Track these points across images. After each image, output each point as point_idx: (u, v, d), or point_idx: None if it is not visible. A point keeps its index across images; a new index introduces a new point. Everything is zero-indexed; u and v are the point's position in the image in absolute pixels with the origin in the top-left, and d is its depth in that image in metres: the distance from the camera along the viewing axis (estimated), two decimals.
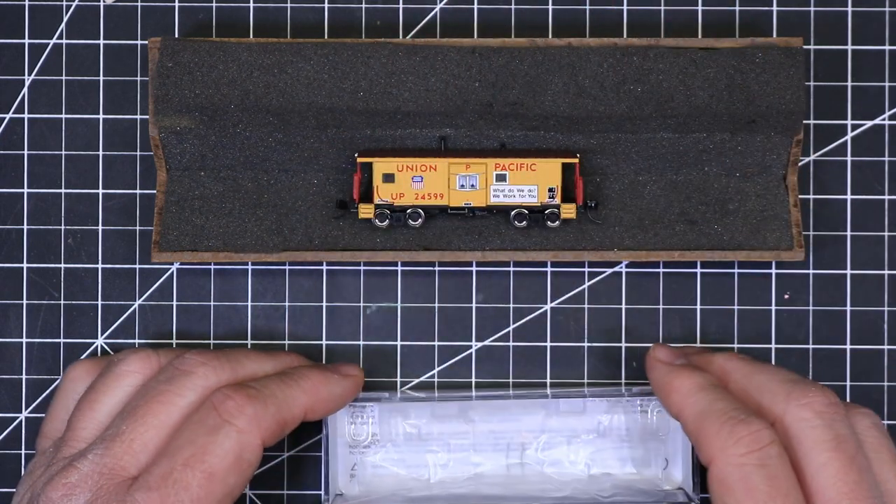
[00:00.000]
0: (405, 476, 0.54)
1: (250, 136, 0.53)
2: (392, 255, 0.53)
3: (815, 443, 0.45)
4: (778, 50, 0.52)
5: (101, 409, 0.48)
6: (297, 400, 0.48)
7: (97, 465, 0.45)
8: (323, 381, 0.50)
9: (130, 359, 0.50)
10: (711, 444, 0.45)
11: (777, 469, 0.44)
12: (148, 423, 0.46)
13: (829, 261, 0.55)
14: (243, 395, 0.46)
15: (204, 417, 0.46)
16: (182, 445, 0.45)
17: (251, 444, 0.46)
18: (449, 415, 0.54)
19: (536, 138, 0.53)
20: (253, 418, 0.46)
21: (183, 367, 0.48)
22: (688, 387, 0.47)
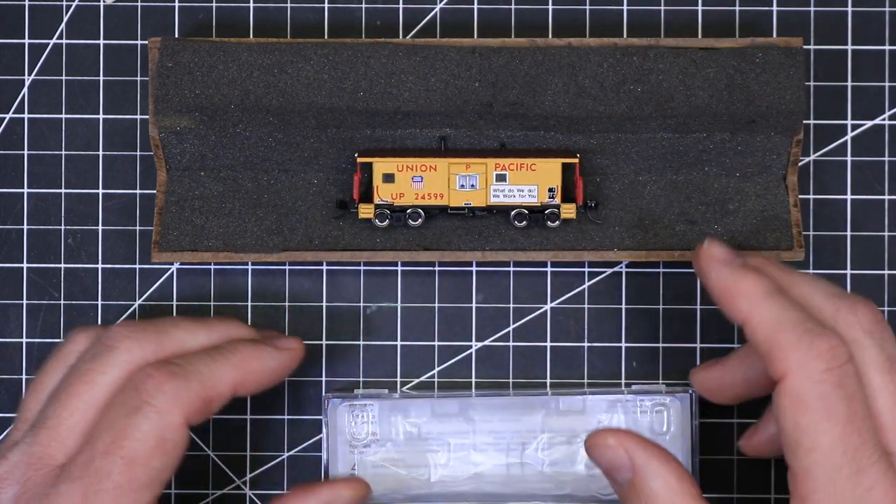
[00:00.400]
0: (405, 475, 0.54)
1: (250, 136, 0.53)
2: (392, 255, 0.53)
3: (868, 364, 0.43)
4: (778, 50, 0.52)
5: (45, 389, 0.47)
6: (224, 375, 0.46)
7: (24, 455, 0.44)
8: (254, 355, 0.47)
9: (76, 338, 0.48)
10: (788, 357, 0.42)
11: (854, 390, 0.42)
12: (72, 405, 0.45)
13: (829, 261, 0.55)
14: (164, 372, 0.44)
15: (125, 398, 0.44)
16: (102, 430, 0.44)
17: (172, 423, 0.44)
18: (449, 414, 0.54)
19: (536, 138, 0.53)
20: (173, 397, 0.44)
21: (107, 341, 0.46)
22: (758, 291, 0.44)
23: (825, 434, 0.41)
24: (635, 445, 0.45)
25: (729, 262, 0.45)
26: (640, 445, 0.45)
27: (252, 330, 0.50)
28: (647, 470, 0.44)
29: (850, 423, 0.41)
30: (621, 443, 0.45)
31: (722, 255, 0.46)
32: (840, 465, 0.41)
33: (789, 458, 0.42)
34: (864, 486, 0.41)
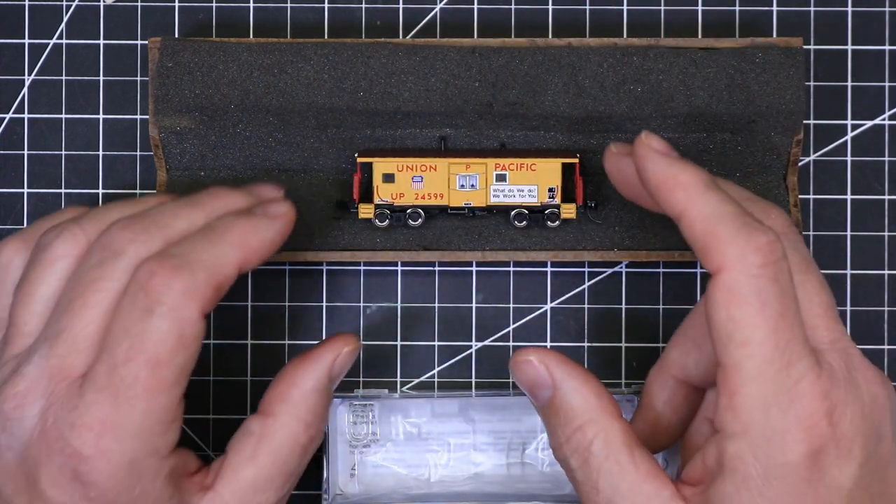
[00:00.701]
0: (405, 475, 0.54)
1: (250, 136, 0.53)
2: (392, 255, 0.53)
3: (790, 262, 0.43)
4: (778, 50, 0.52)
5: (38, 300, 0.46)
6: (227, 257, 0.45)
7: (43, 369, 0.43)
8: (251, 230, 0.46)
9: (57, 243, 0.46)
10: (726, 250, 0.41)
11: (787, 286, 0.42)
12: (86, 315, 0.44)
13: (829, 261, 0.55)
14: (168, 268, 0.43)
15: (134, 301, 0.43)
16: (119, 337, 0.43)
17: (188, 318, 0.43)
18: (449, 414, 0.54)
19: (536, 138, 0.53)
20: (183, 291, 0.43)
21: (112, 246, 0.45)
22: (697, 183, 0.43)
23: (758, 327, 0.41)
24: (556, 363, 0.45)
25: (667, 153, 0.45)
26: (561, 363, 0.45)
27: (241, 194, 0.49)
28: (566, 386, 0.45)
29: (782, 318, 0.41)
30: (542, 360, 0.45)
31: (660, 146, 0.45)
32: (771, 358, 0.41)
33: (719, 353, 0.42)
34: (792, 379, 0.41)
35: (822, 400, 0.41)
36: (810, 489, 0.41)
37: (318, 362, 0.48)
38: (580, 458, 0.44)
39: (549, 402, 0.46)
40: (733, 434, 0.41)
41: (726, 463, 0.42)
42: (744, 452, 0.41)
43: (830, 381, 0.42)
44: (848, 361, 0.43)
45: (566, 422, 0.45)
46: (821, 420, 0.41)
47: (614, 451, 0.44)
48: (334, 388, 0.49)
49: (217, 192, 0.48)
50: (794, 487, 0.41)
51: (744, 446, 0.41)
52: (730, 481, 0.41)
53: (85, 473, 0.42)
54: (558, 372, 0.45)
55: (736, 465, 0.41)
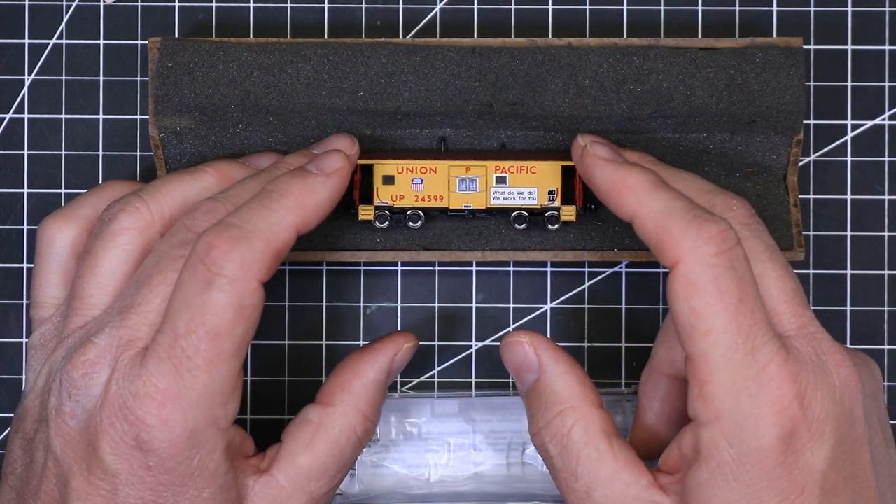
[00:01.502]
0: (405, 475, 0.54)
1: (250, 136, 0.53)
2: (392, 255, 0.53)
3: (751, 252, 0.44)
4: (778, 50, 0.52)
5: (103, 273, 0.46)
6: (284, 222, 0.45)
7: (114, 339, 0.44)
8: (307, 191, 0.46)
9: (120, 217, 0.47)
10: (679, 244, 0.42)
11: (745, 272, 0.42)
12: (163, 292, 0.44)
13: (829, 261, 0.55)
14: (226, 239, 0.43)
15: (193, 274, 0.43)
16: (179, 309, 0.43)
17: (248, 289, 0.43)
18: (449, 414, 0.54)
19: (536, 138, 0.53)
20: (242, 263, 0.43)
21: (195, 227, 0.45)
22: (644, 184, 0.44)
23: (719, 315, 0.41)
24: (545, 347, 0.46)
25: (612, 159, 0.46)
26: (549, 348, 0.46)
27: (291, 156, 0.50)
28: (551, 371, 0.46)
29: (742, 304, 0.42)
30: (532, 343, 0.46)
31: (605, 153, 0.47)
32: (735, 343, 0.41)
33: (686, 346, 0.42)
34: (759, 364, 0.41)
35: (792, 383, 0.42)
36: (784, 472, 0.41)
37: (380, 354, 0.49)
38: (559, 445, 0.45)
39: (532, 386, 0.46)
40: (706, 422, 0.42)
41: (701, 450, 0.42)
42: (717, 439, 0.42)
43: (799, 364, 0.42)
44: (816, 346, 0.43)
45: (547, 406, 0.45)
46: (791, 403, 0.41)
47: (594, 439, 0.44)
48: (390, 383, 0.50)
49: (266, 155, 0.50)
50: (768, 471, 0.41)
51: (717, 433, 0.42)
52: (705, 468, 0.42)
53: (146, 442, 0.43)
54: (546, 356, 0.46)
55: (710, 451, 0.42)
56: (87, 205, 0.49)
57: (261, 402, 0.55)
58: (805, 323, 0.44)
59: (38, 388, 0.46)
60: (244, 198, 0.46)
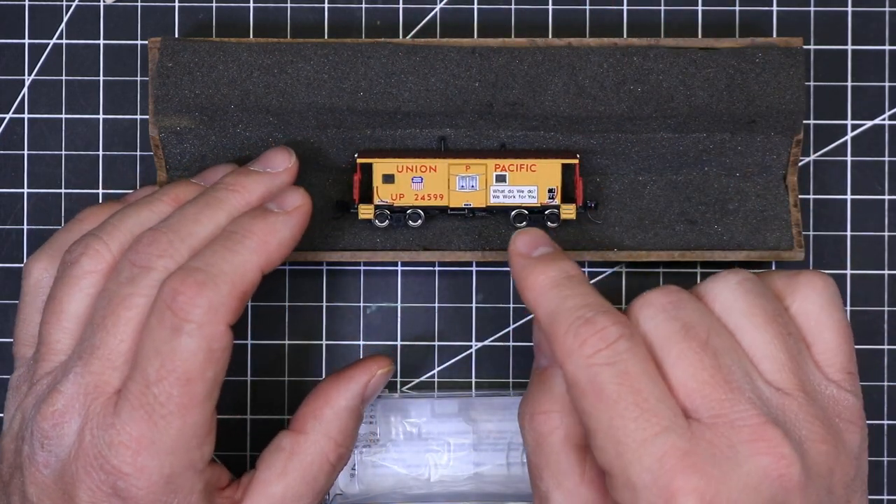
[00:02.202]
0: (405, 475, 0.54)
1: (250, 136, 0.53)
2: (392, 255, 0.53)
3: (665, 338, 0.42)
4: (778, 50, 0.52)
5: (68, 318, 0.46)
6: (249, 264, 0.45)
7: (80, 386, 0.44)
8: (270, 231, 0.46)
9: (82, 261, 0.47)
10: (560, 348, 0.42)
11: (628, 364, 0.41)
12: (119, 332, 0.44)
13: (829, 261, 0.55)
14: (192, 284, 0.43)
15: (161, 320, 0.43)
16: (149, 356, 0.43)
17: (216, 333, 0.44)
18: (449, 414, 0.54)
19: (536, 138, 0.53)
20: (209, 308, 0.43)
21: (140, 262, 0.45)
22: (540, 283, 0.44)
23: (602, 413, 0.41)
24: None
25: (524, 254, 0.46)
26: None
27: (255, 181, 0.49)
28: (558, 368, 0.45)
29: (621, 400, 0.41)
30: None
31: (522, 247, 0.46)
32: (620, 439, 0.40)
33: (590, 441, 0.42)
34: (653, 456, 0.40)
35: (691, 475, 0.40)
36: None
37: (352, 382, 0.49)
38: (536, 441, 0.45)
39: (541, 370, 0.46)
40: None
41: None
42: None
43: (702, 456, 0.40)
44: (731, 434, 0.41)
45: (541, 399, 0.45)
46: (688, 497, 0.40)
47: (568, 450, 0.44)
48: (365, 409, 0.50)
49: (232, 184, 0.48)
50: None
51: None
52: None
53: (123, 490, 0.43)
54: None
55: None
56: (68, 241, 0.49)
57: (261, 402, 0.55)
58: (720, 410, 0.41)
59: (12, 432, 0.47)
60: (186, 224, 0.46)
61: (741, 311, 0.44)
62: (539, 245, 0.46)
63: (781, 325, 0.44)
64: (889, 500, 0.55)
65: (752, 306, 0.44)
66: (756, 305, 0.44)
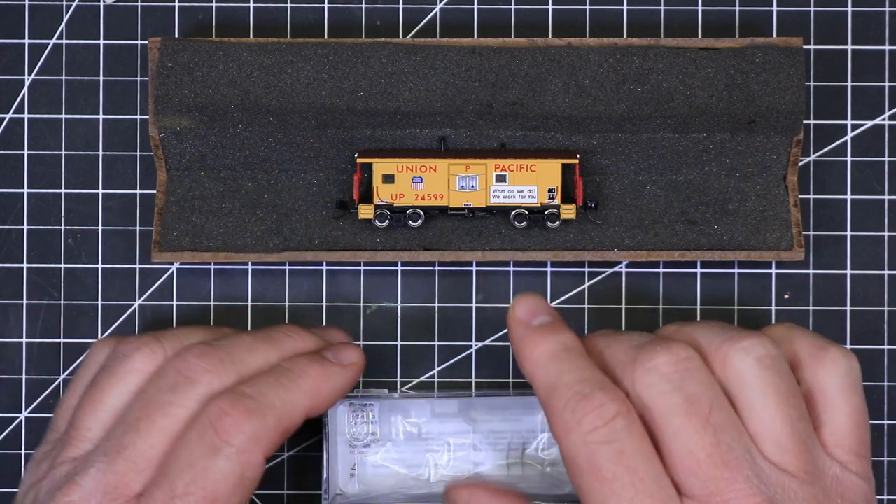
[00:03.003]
0: (405, 475, 0.54)
1: (250, 136, 0.53)
2: (392, 255, 0.53)
3: (665, 410, 0.43)
4: (778, 50, 0.52)
5: (106, 409, 0.46)
6: (298, 404, 0.46)
7: (100, 483, 0.44)
8: (324, 378, 0.47)
9: (135, 356, 0.47)
10: (556, 424, 0.43)
11: (624, 444, 0.42)
12: (152, 437, 0.44)
13: (829, 261, 0.55)
14: (241, 410, 0.44)
15: (202, 435, 0.44)
16: (182, 468, 0.43)
17: (252, 462, 0.44)
18: (449, 414, 0.54)
19: (536, 138, 0.53)
20: (252, 437, 0.44)
21: (186, 372, 0.46)
22: (538, 355, 0.45)
23: (597, 492, 0.41)
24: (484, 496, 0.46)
25: (524, 322, 0.46)
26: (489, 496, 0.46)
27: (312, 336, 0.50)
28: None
29: (617, 479, 0.41)
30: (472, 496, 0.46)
31: (521, 314, 0.47)
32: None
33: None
34: None
35: None
36: None
37: None
38: None
39: None
40: None
41: None
42: None
43: None
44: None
45: None
46: None
47: None
48: None
49: (291, 331, 0.49)
50: None
51: None
52: None
53: None
54: None
55: None
56: None
57: None
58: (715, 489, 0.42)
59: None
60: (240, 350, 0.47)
61: (755, 387, 0.44)
62: (539, 313, 0.47)
63: (793, 407, 0.44)
64: (889, 500, 0.55)
65: (767, 385, 0.44)
66: (771, 384, 0.44)
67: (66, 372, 0.55)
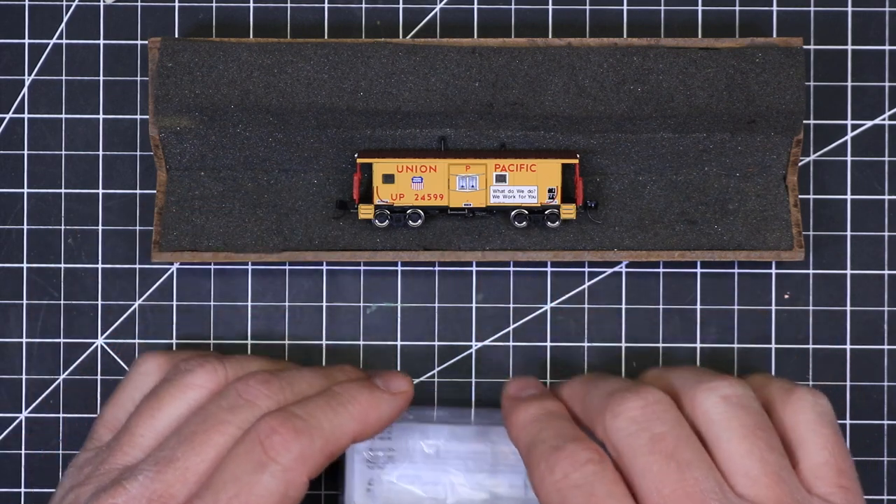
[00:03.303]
0: (422, 496, 0.53)
1: (250, 136, 0.53)
2: (392, 255, 0.53)
3: (632, 451, 0.44)
4: (778, 50, 0.52)
5: (162, 419, 0.47)
6: (346, 427, 0.47)
7: (146, 490, 0.44)
8: (373, 405, 0.48)
9: (198, 372, 0.48)
10: (534, 476, 0.45)
11: (595, 487, 0.43)
12: (204, 452, 0.45)
13: (829, 261, 0.55)
14: (290, 429, 0.45)
15: (249, 452, 0.44)
16: (227, 481, 0.44)
17: (296, 481, 0.44)
18: (467, 435, 0.53)
19: (536, 138, 0.53)
20: (299, 456, 0.44)
21: (246, 395, 0.47)
22: (521, 419, 0.48)
23: None
24: None
25: (513, 396, 0.50)
26: None
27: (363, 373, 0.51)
28: None
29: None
30: None
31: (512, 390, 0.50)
32: None
33: None
34: None
35: None
36: None
37: None
38: None
39: None
40: None
41: None
42: None
43: None
44: None
45: None
46: None
47: None
48: None
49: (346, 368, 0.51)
50: None
51: None
52: None
53: None
54: None
55: None
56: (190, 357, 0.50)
57: None
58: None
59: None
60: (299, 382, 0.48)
61: (720, 423, 0.45)
62: (527, 388, 0.50)
63: (761, 439, 0.45)
64: (889, 500, 0.55)
65: (731, 419, 0.45)
66: (735, 419, 0.45)
67: (66, 372, 0.55)
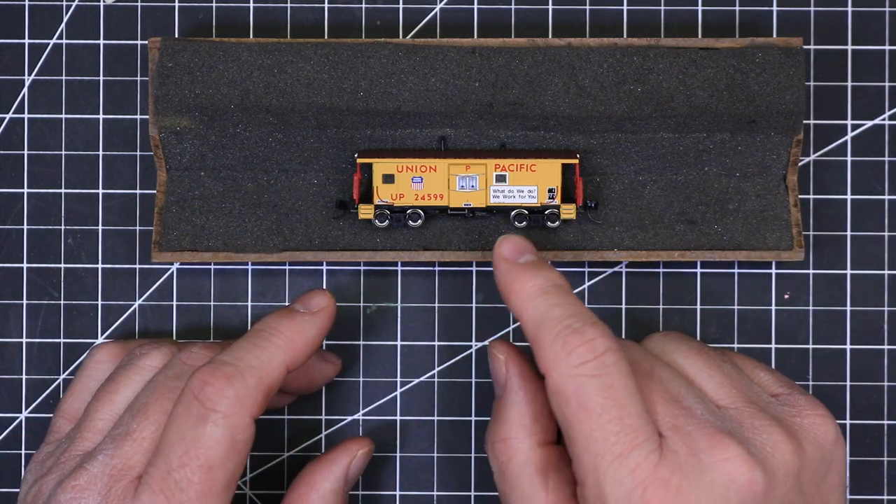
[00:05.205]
0: None
1: (250, 136, 0.53)
2: (392, 255, 0.53)
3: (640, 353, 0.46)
4: (778, 50, 0.52)
5: (120, 402, 0.48)
6: (276, 360, 0.46)
7: (107, 467, 0.45)
8: (297, 330, 0.48)
9: (153, 354, 0.49)
10: (546, 356, 0.43)
11: (613, 378, 0.42)
12: (159, 420, 0.46)
13: (829, 261, 0.55)
14: (220, 376, 0.44)
15: (187, 409, 0.44)
16: (174, 442, 0.44)
17: (241, 424, 0.44)
18: None
19: (536, 138, 0.53)
20: (236, 399, 0.44)
21: (190, 361, 0.48)
22: (527, 290, 0.45)
23: (584, 424, 0.42)
24: (515, 369, 0.47)
25: (511, 259, 0.47)
26: (518, 371, 0.47)
27: None
28: (512, 395, 0.46)
29: (605, 413, 0.42)
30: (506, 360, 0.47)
31: (507, 252, 0.47)
32: (599, 452, 0.42)
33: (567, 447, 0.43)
34: (628, 468, 0.42)
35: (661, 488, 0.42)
36: None
37: (334, 465, 0.50)
38: (499, 468, 0.46)
39: (498, 399, 0.47)
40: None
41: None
42: None
43: (671, 467, 0.42)
44: (691, 444, 0.43)
45: (498, 428, 0.46)
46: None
47: (529, 474, 0.45)
48: (349, 489, 0.51)
49: None
50: None
51: None
52: None
53: None
54: (513, 379, 0.46)
55: None
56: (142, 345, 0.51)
57: None
58: (676, 423, 0.43)
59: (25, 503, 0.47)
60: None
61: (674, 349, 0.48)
62: (524, 251, 0.47)
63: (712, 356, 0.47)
64: (889, 500, 0.55)
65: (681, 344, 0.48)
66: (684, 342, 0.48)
67: (66, 372, 0.55)
